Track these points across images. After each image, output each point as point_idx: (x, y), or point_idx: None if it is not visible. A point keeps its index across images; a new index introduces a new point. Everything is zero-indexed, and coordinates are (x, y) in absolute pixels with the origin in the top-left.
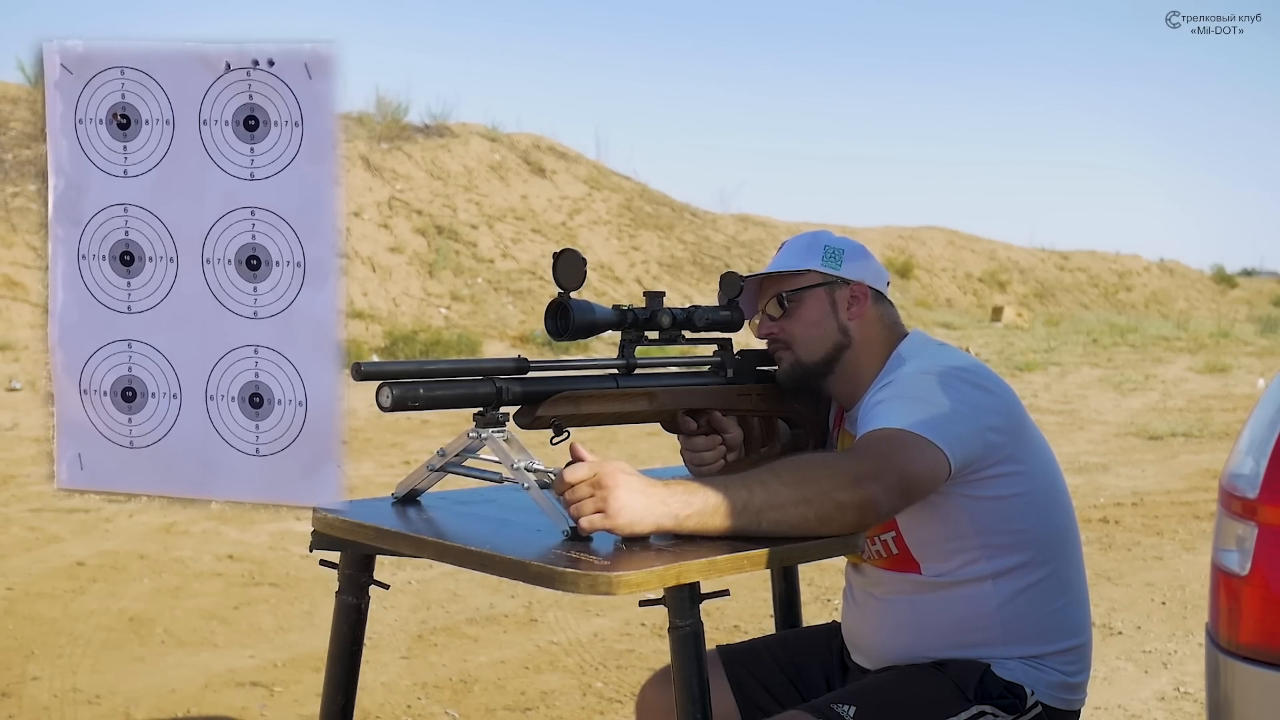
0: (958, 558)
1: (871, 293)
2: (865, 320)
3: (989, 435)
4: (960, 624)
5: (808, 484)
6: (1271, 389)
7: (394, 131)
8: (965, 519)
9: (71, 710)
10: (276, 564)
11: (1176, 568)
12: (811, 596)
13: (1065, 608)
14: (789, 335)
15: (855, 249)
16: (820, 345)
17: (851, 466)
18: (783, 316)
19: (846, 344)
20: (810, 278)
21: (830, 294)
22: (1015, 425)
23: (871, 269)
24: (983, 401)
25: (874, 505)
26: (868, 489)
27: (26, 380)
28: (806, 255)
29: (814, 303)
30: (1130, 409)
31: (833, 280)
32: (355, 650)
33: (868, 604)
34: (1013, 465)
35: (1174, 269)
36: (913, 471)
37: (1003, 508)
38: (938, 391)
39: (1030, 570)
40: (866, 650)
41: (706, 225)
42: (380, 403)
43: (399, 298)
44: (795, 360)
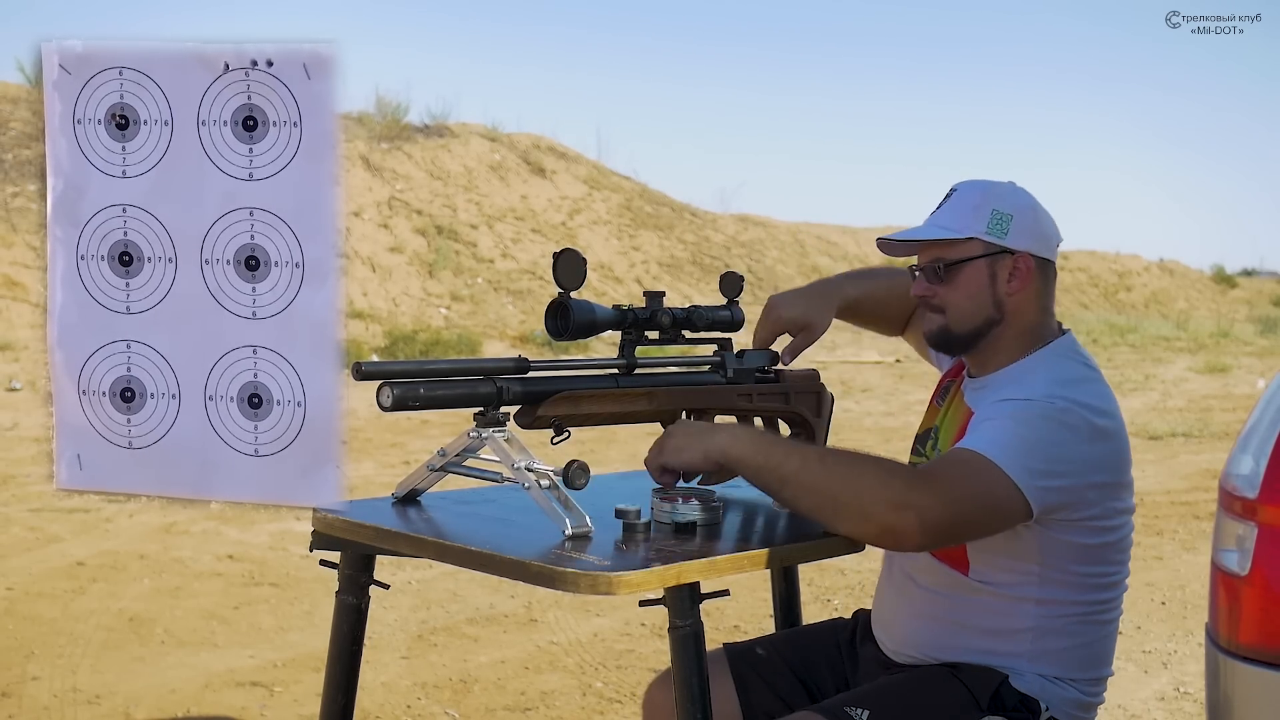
0: (1011, 575)
1: (1036, 264)
2: (1023, 296)
3: (1088, 493)
4: (993, 633)
5: (847, 484)
6: (1271, 389)
7: (394, 131)
8: (1035, 546)
9: (71, 710)
10: (276, 564)
11: (1176, 568)
12: (811, 596)
13: (1098, 642)
14: (944, 301)
15: (1025, 210)
16: (973, 318)
17: (905, 490)
18: (942, 282)
19: (999, 319)
20: (972, 247)
21: (991, 266)
22: (1118, 479)
23: (1041, 234)
24: (1096, 454)
25: (903, 534)
26: (905, 517)
27: (26, 380)
28: (972, 218)
29: (973, 274)
30: (1130, 409)
31: (996, 250)
32: (355, 650)
33: (906, 588)
34: (1100, 521)
35: (1174, 269)
36: (978, 503)
37: (1075, 551)
38: (1055, 431)
39: (1076, 605)
40: (893, 632)
41: (706, 225)
42: (381, 402)
43: (399, 298)
44: (944, 326)
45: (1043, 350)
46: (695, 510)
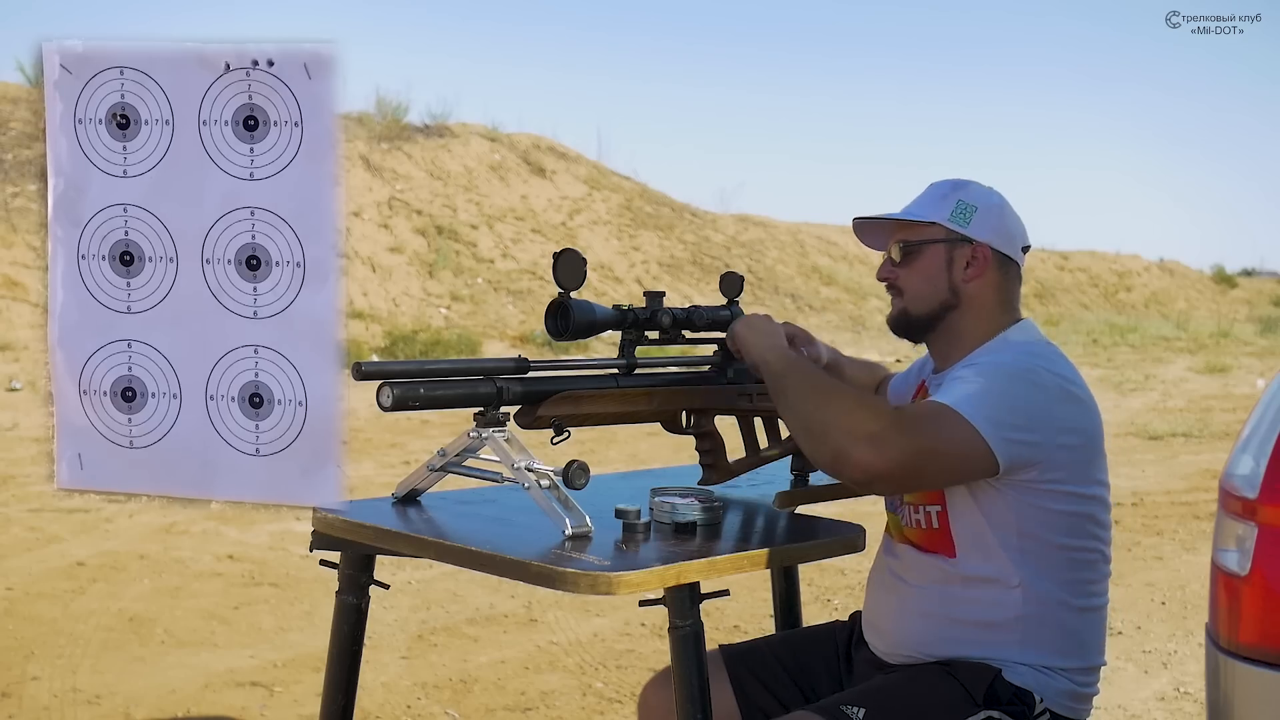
0: (994, 557)
1: (995, 257)
2: (979, 285)
3: (1057, 453)
4: (983, 624)
5: (819, 405)
6: (1271, 389)
7: (394, 131)
8: (1013, 520)
9: (71, 710)
10: (276, 564)
11: (1176, 568)
12: (811, 596)
13: (1086, 630)
14: (902, 283)
15: (992, 206)
16: (928, 301)
17: (868, 420)
18: (901, 263)
19: (954, 304)
20: (934, 231)
21: (949, 251)
22: (1092, 446)
23: (1004, 231)
24: (1066, 415)
25: (855, 464)
26: (860, 448)
27: (26, 380)
28: (938, 206)
29: (931, 257)
30: (1130, 409)
31: (955, 238)
32: (355, 650)
33: (896, 588)
34: (1074, 486)
35: (1174, 269)
36: (938, 449)
37: (1050, 520)
38: (1024, 388)
39: (1061, 588)
40: (885, 634)
41: (706, 225)
42: (381, 402)
43: (399, 298)
44: (902, 309)
45: (1004, 334)
46: (695, 510)
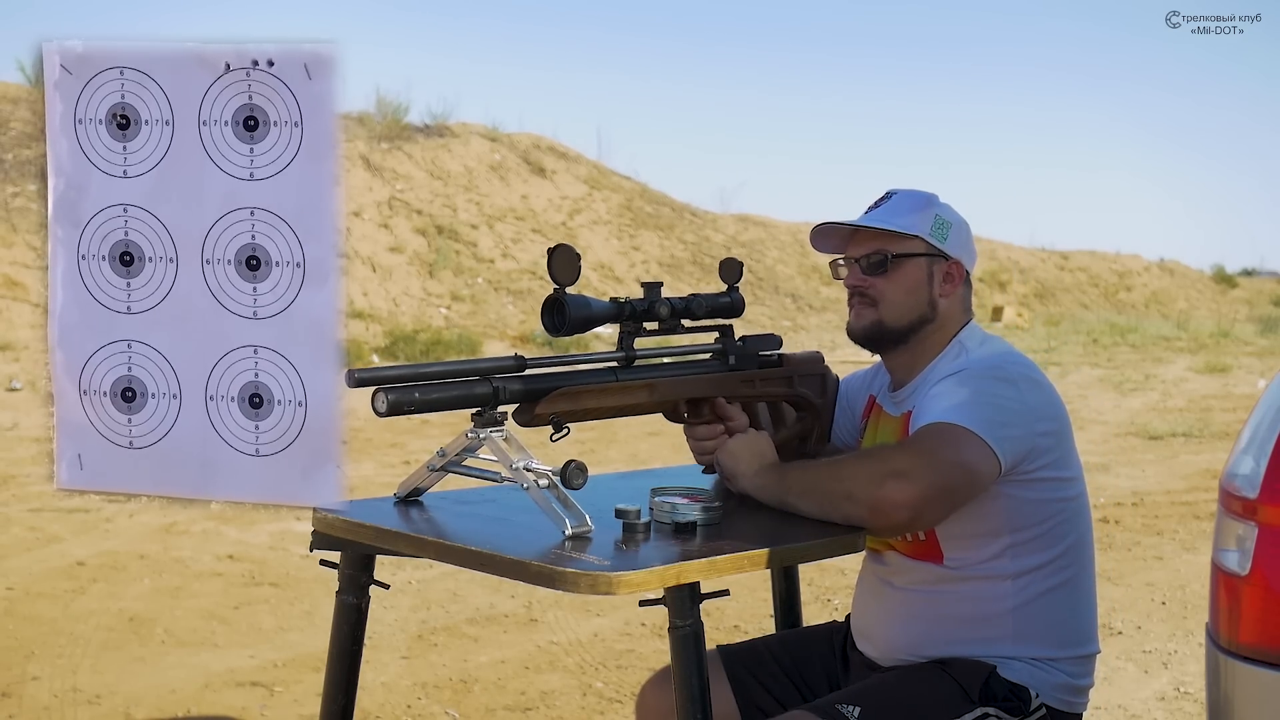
0: (983, 551)
1: (964, 274)
2: (952, 301)
3: (1039, 439)
4: (974, 620)
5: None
6: (1271, 389)
7: (394, 131)
8: (1000, 513)
9: (71, 710)
10: (276, 564)
11: (1176, 568)
12: (811, 596)
13: (1078, 617)
14: (879, 294)
15: (961, 226)
16: (907, 314)
17: (884, 463)
18: (880, 274)
19: (930, 319)
20: (918, 245)
21: (930, 265)
22: (1063, 430)
23: (970, 249)
24: (1038, 401)
25: (895, 504)
26: (891, 487)
27: (26, 380)
28: (918, 220)
29: (914, 270)
30: (1130, 409)
31: (935, 253)
32: (355, 650)
33: (883, 593)
34: (1055, 471)
35: (1174, 269)
36: (958, 461)
37: (1038, 509)
38: (1001, 386)
39: (1050, 575)
40: (876, 640)
41: (706, 225)
42: (376, 409)
43: (399, 298)
44: (877, 319)
45: (957, 338)
46: (695, 510)
